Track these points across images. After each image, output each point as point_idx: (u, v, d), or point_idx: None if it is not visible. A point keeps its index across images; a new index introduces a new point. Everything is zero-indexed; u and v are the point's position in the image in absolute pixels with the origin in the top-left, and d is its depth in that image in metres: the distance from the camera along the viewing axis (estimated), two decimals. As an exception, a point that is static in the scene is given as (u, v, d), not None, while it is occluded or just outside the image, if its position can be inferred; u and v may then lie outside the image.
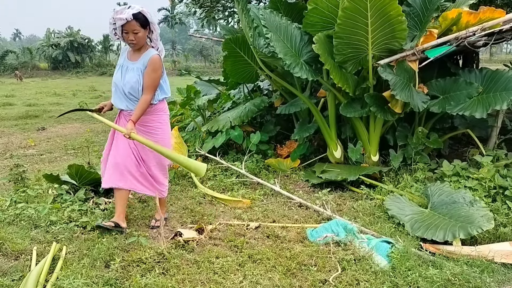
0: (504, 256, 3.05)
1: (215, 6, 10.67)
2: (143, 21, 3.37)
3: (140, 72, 3.46)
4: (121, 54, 3.67)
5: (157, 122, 3.65)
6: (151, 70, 3.44)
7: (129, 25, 3.33)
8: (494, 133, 5.03)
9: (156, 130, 3.65)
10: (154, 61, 3.45)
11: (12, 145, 7.93)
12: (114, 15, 3.34)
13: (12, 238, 3.36)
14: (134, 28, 3.35)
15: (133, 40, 3.40)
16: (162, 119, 3.70)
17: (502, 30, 4.15)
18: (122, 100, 3.59)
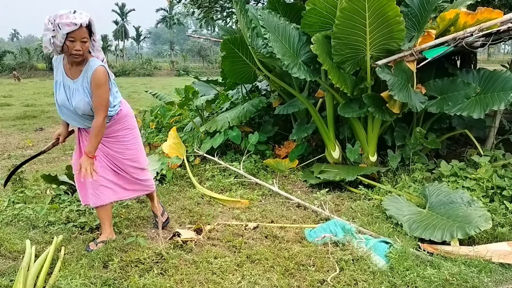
0: (502, 256, 3.06)
1: (213, 6, 10.67)
2: (90, 30, 2.93)
3: (87, 90, 3.00)
4: (56, 68, 3.11)
5: (125, 129, 3.32)
6: (96, 87, 2.95)
7: (79, 32, 2.82)
8: (492, 133, 5.04)
9: (126, 137, 3.33)
10: (97, 76, 2.94)
11: (10, 145, 7.92)
12: (57, 20, 2.79)
13: (10, 239, 3.36)
14: (83, 36, 2.86)
15: (79, 50, 2.87)
16: (129, 123, 3.36)
17: (500, 30, 4.16)
18: (77, 120, 3.17)
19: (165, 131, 7.33)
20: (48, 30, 2.83)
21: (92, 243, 3.30)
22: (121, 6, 66.20)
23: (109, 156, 3.31)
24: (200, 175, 5.31)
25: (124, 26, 66.23)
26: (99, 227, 3.61)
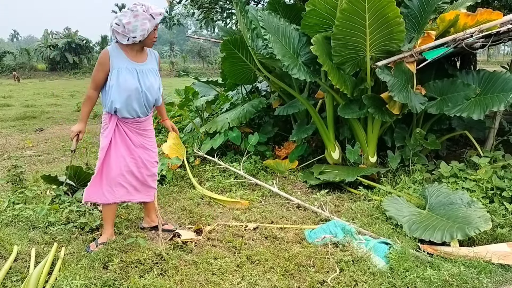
0: (502, 257, 3.07)
1: (213, 7, 10.68)
2: None
3: (155, 72, 3.34)
4: (115, 57, 3.17)
5: (150, 125, 3.51)
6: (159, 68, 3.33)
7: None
8: (492, 134, 5.05)
9: (153, 133, 3.55)
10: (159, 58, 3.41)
11: (10, 146, 7.92)
12: (150, 10, 3.08)
13: (10, 239, 3.36)
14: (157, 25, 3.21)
15: (156, 37, 3.27)
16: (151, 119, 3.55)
17: (499, 31, 4.17)
18: (142, 107, 3.29)
19: (165, 131, 7.33)
20: (147, 19, 3.07)
21: (93, 244, 3.31)
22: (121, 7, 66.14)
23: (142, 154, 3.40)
24: (200, 175, 5.31)
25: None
26: (99, 228, 3.62)
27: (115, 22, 3.09)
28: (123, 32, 3.08)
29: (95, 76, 3.18)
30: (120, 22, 3.06)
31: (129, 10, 3.09)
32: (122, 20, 3.05)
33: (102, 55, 3.15)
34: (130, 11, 3.08)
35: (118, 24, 3.07)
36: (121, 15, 3.10)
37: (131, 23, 3.04)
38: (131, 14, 3.06)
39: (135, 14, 3.05)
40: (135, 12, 3.05)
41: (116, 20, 3.09)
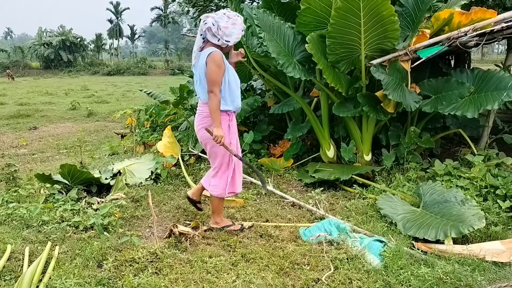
0: (495, 254, 3.08)
1: (208, 5, 10.65)
2: None
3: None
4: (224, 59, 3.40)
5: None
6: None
7: None
8: (486, 132, 5.07)
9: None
10: None
11: (3, 144, 7.88)
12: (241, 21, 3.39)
13: (3, 238, 3.34)
14: None
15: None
16: None
17: (494, 30, 4.19)
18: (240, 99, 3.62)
19: (160, 130, 7.32)
20: (241, 30, 3.38)
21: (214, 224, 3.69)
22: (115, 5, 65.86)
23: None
24: (195, 174, 5.30)
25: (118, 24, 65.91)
26: (93, 227, 3.59)
27: (211, 21, 3.29)
28: (216, 32, 3.30)
29: (218, 78, 3.30)
30: (216, 23, 3.28)
31: (226, 16, 3.32)
32: (219, 23, 3.28)
33: (220, 57, 3.29)
34: (228, 18, 3.31)
35: (213, 25, 3.29)
36: (218, 17, 3.30)
37: (229, 28, 3.30)
38: (229, 21, 3.31)
39: (233, 22, 3.32)
40: (234, 21, 3.32)
41: (212, 20, 3.30)
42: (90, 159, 6.47)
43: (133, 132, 7.01)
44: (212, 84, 3.27)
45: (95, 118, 11.72)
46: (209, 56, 3.28)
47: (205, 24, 3.32)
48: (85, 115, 12.07)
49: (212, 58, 3.26)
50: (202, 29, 3.34)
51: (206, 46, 3.39)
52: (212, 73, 3.26)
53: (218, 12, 3.37)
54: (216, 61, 3.26)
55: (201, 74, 3.38)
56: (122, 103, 15.14)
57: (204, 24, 3.33)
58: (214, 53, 3.28)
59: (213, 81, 3.27)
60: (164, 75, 41.49)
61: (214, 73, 3.26)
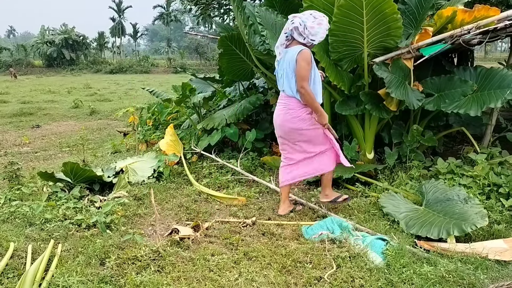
0: (498, 253, 3.07)
1: (210, 3, 10.65)
2: None
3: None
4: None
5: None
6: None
7: None
8: (489, 131, 5.05)
9: None
10: None
11: (6, 142, 7.90)
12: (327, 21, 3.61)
13: (6, 236, 3.35)
14: None
15: None
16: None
17: (497, 28, 4.17)
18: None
19: (162, 128, 7.32)
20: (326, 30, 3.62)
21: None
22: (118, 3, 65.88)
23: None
24: (197, 172, 5.31)
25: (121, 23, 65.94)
26: (95, 225, 3.60)
27: (298, 21, 3.55)
28: (302, 32, 3.56)
29: (307, 74, 3.59)
30: (303, 23, 3.54)
31: (312, 17, 3.57)
32: (305, 22, 3.54)
33: (309, 55, 3.58)
34: (314, 18, 3.56)
35: (300, 24, 3.54)
36: (305, 18, 3.55)
37: (315, 28, 3.54)
38: (315, 21, 3.55)
39: (319, 22, 3.55)
40: (320, 21, 3.56)
41: (299, 20, 3.55)
42: (93, 157, 6.48)
43: (135, 130, 7.02)
44: (302, 79, 3.57)
45: (97, 116, 11.74)
46: (300, 53, 3.55)
47: (292, 24, 3.58)
48: (87, 113, 12.09)
49: (303, 55, 3.54)
50: (289, 28, 3.62)
51: (292, 44, 3.68)
52: (302, 69, 3.55)
53: (305, 13, 3.63)
54: (306, 58, 3.55)
55: (287, 69, 3.66)
56: (125, 101, 15.16)
57: (291, 23, 3.59)
58: (304, 51, 3.55)
59: (303, 77, 3.57)
60: (166, 73, 41.52)
61: (304, 69, 3.55)
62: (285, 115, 3.78)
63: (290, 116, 3.75)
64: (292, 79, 3.65)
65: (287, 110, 3.77)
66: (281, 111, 3.83)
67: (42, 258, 2.94)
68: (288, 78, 3.68)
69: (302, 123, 3.74)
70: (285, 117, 3.78)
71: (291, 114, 3.74)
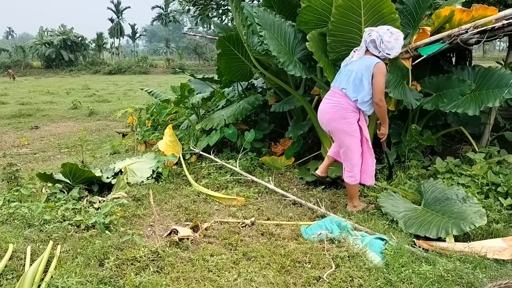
0: (497, 252, 3.08)
1: (209, 4, 10.65)
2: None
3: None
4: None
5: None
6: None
7: None
8: (487, 130, 5.06)
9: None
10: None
11: (5, 144, 7.89)
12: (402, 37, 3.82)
13: (5, 238, 3.35)
14: None
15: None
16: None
17: (495, 27, 4.17)
18: None
19: (161, 129, 7.32)
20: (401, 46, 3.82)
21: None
22: (116, 4, 65.92)
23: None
24: (196, 173, 5.31)
25: (119, 23, 65.97)
26: (94, 225, 3.60)
27: (376, 35, 3.72)
28: (378, 45, 3.74)
29: (384, 88, 3.79)
30: (380, 37, 3.71)
31: (389, 32, 3.73)
32: (382, 37, 3.71)
33: (385, 69, 3.76)
34: (391, 33, 3.73)
35: (377, 38, 3.72)
36: (383, 32, 3.72)
37: (391, 43, 3.72)
38: (392, 36, 3.72)
39: (396, 38, 3.73)
40: (397, 37, 3.74)
41: (377, 34, 3.72)
42: (92, 158, 6.48)
43: (134, 131, 7.01)
44: (381, 93, 3.72)
45: (96, 117, 11.73)
46: (377, 66, 3.70)
47: (369, 36, 3.75)
48: (86, 114, 12.09)
49: (380, 69, 3.70)
50: (366, 41, 3.78)
51: (366, 54, 3.83)
52: (381, 84, 3.71)
53: (382, 27, 3.78)
54: (383, 72, 3.71)
55: (359, 74, 3.77)
56: (123, 102, 15.15)
57: (368, 36, 3.76)
58: (381, 64, 3.72)
59: (381, 91, 3.73)
60: (165, 74, 41.53)
61: (382, 83, 3.72)
62: (334, 114, 3.89)
63: (338, 115, 3.86)
64: (361, 86, 3.76)
65: (338, 109, 3.86)
66: (331, 108, 3.93)
67: (41, 259, 2.94)
68: (355, 82, 3.79)
69: (347, 126, 3.85)
70: (333, 116, 3.90)
71: (340, 114, 3.85)
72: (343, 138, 3.91)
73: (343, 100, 3.86)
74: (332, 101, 3.94)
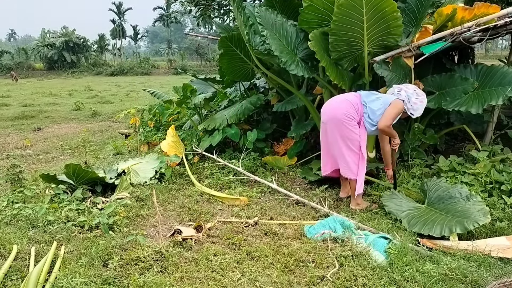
0: (501, 250, 3.07)
1: (210, 4, 10.65)
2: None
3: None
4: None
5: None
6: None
7: None
8: (490, 128, 5.05)
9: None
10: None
11: (8, 145, 7.91)
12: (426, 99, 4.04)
13: (9, 238, 3.36)
14: None
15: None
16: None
17: (497, 25, 4.16)
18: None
19: (163, 129, 7.33)
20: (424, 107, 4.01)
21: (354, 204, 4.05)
22: (118, 5, 65.94)
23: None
24: (199, 173, 5.31)
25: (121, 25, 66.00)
26: (98, 226, 3.61)
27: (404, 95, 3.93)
28: (406, 104, 3.93)
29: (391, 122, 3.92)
30: (407, 97, 3.93)
31: (416, 93, 3.95)
32: (410, 98, 3.93)
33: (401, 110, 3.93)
34: (417, 95, 3.95)
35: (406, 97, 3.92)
36: (410, 93, 3.94)
37: (417, 104, 3.93)
38: (419, 98, 3.94)
39: (421, 100, 3.96)
40: (422, 99, 3.96)
41: (405, 94, 3.93)
42: (95, 159, 6.49)
43: (137, 132, 7.02)
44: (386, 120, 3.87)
45: (99, 118, 11.75)
46: (396, 101, 3.91)
47: (398, 94, 3.96)
48: (89, 115, 12.10)
49: (398, 106, 3.90)
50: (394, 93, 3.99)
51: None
52: (391, 114, 3.87)
53: (409, 87, 3.99)
54: (399, 108, 3.90)
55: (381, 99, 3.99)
56: (126, 103, 15.17)
57: (398, 94, 3.96)
58: (401, 103, 3.91)
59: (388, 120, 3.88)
60: (167, 75, 41.55)
61: (392, 114, 3.88)
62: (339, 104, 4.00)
63: (343, 107, 3.95)
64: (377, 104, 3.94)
65: (346, 103, 3.97)
66: (337, 101, 4.07)
67: (45, 260, 2.95)
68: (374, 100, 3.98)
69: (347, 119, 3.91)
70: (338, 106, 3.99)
71: (345, 108, 3.93)
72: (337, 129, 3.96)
73: (354, 99, 3.99)
74: (342, 96, 4.09)
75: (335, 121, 3.96)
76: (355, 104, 3.97)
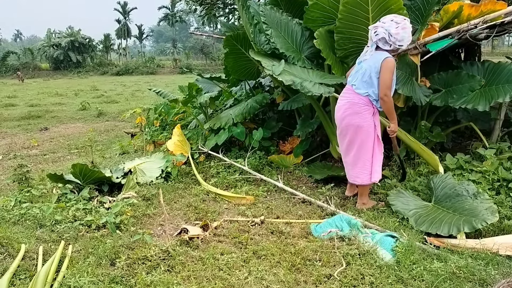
0: (509, 248, 3.05)
1: (215, 3, 10.66)
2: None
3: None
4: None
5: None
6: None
7: None
8: (497, 126, 5.02)
9: None
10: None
11: (15, 145, 7.96)
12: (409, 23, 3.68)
13: (17, 238, 3.38)
14: None
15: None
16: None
17: (504, 22, 4.13)
18: None
19: (169, 128, 7.34)
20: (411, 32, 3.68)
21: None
22: (123, 5, 66.16)
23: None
24: (205, 172, 5.32)
25: (126, 24, 66.23)
26: (105, 225, 3.62)
27: (382, 31, 3.62)
28: (388, 40, 3.64)
29: (391, 83, 3.72)
30: (387, 32, 3.61)
31: (394, 23, 3.61)
32: (389, 30, 3.60)
33: (393, 64, 3.69)
34: (396, 23, 3.60)
35: (385, 33, 3.61)
36: (388, 26, 3.61)
37: (400, 34, 3.60)
38: (399, 26, 3.60)
39: (403, 26, 3.60)
40: (403, 25, 3.61)
41: (382, 29, 3.62)
42: (101, 159, 6.52)
43: (143, 131, 7.05)
44: (386, 88, 3.68)
45: (105, 118, 11.80)
46: (385, 61, 3.65)
47: (376, 35, 3.66)
48: (95, 115, 12.16)
49: (387, 65, 3.64)
50: (373, 39, 3.70)
51: (377, 50, 3.75)
52: (387, 80, 3.66)
53: (386, 19, 3.65)
54: (390, 68, 3.65)
55: (369, 70, 3.74)
56: (132, 102, 15.22)
57: (375, 35, 3.67)
58: (389, 59, 3.65)
59: (387, 86, 3.68)
60: (172, 74, 41.64)
61: (389, 78, 3.66)
62: (347, 109, 3.90)
63: (351, 111, 3.86)
64: (371, 81, 3.74)
65: (350, 105, 3.88)
66: (343, 105, 3.95)
67: (53, 259, 2.97)
68: (364, 79, 3.79)
69: (361, 120, 3.84)
70: (346, 111, 3.90)
71: (353, 109, 3.86)
72: (355, 135, 3.89)
73: (354, 96, 3.87)
74: (345, 98, 3.98)
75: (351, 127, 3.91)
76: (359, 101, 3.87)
